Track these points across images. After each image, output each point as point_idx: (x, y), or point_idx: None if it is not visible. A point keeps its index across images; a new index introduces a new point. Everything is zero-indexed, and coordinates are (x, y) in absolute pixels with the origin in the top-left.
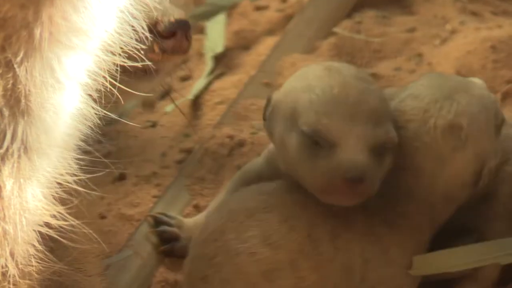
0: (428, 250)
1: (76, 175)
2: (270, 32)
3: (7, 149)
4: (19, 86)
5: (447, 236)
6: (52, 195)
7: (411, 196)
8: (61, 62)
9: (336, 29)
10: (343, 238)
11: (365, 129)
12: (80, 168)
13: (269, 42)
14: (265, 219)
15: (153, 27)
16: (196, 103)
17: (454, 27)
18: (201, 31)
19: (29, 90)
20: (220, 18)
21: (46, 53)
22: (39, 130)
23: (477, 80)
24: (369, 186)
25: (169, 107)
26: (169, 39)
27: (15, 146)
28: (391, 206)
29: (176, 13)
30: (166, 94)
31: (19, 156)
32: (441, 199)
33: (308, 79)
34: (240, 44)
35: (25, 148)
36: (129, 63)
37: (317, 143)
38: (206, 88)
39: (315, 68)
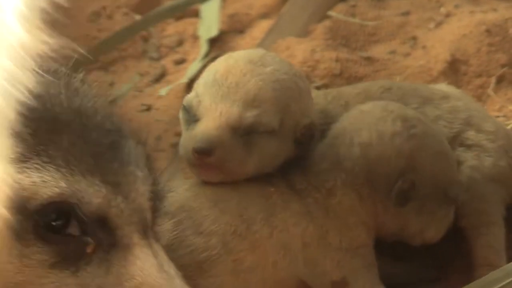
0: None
1: None
2: (264, 15)
3: None
4: None
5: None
6: None
7: (334, 171)
8: None
9: (330, 13)
10: (279, 217)
11: (231, 109)
12: None
13: (263, 26)
14: (194, 208)
15: None
16: (191, 86)
17: (449, 10)
18: (196, 14)
19: None
20: (215, 2)
21: None
22: None
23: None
24: (221, 162)
25: (163, 91)
26: None
27: None
28: (320, 184)
29: None
30: (160, 77)
31: None
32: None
33: (210, 65)
34: (235, 27)
35: None
36: None
37: (189, 118)
38: (200, 71)
39: (223, 56)
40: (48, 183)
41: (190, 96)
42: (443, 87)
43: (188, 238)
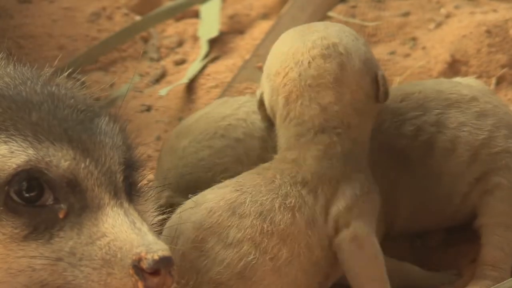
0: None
1: None
2: (264, 16)
3: None
4: None
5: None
6: None
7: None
8: None
9: (330, 13)
10: (292, 195)
11: None
12: None
13: (263, 26)
14: (214, 223)
15: (137, 264)
16: (191, 87)
17: (449, 11)
18: (196, 15)
19: None
20: (215, 2)
21: None
22: None
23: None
24: None
25: (163, 91)
26: (153, 276)
27: None
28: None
29: (160, 250)
30: (160, 77)
31: None
32: (352, 112)
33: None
34: (235, 28)
35: None
36: None
37: None
38: (200, 72)
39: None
40: (15, 153)
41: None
42: (471, 81)
43: (219, 253)
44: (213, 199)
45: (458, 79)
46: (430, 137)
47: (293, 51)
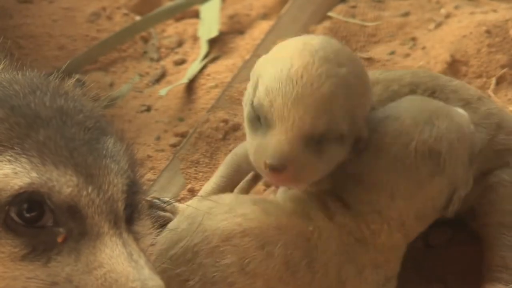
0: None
1: None
2: (264, 16)
3: None
4: None
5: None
6: None
7: (383, 215)
8: None
9: (330, 13)
10: (319, 261)
11: (304, 117)
12: None
13: (263, 26)
14: (241, 245)
15: None
16: (191, 87)
17: (449, 11)
18: (196, 15)
19: None
20: (215, 2)
21: None
22: None
23: (460, 110)
24: (293, 174)
25: (163, 91)
26: None
27: None
28: (364, 224)
29: (155, 286)
30: (160, 77)
31: None
32: (413, 219)
33: (281, 51)
34: (235, 28)
35: None
36: None
37: (259, 118)
38: (200, 72)
39: (297, 41)
40: (19, 174)
41: (261, 92)
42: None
43: (232, 275)
44: (250, 219)
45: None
46: None
47: None
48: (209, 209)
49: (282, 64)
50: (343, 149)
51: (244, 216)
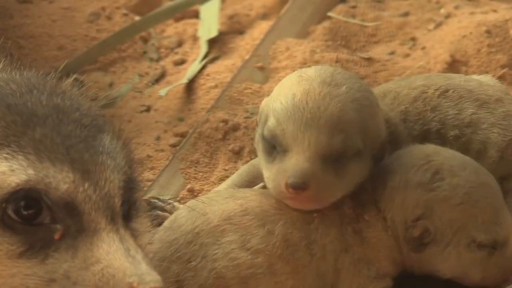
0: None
1: None
2: (264, 16)
3: None
4: None
5: None
6: None
7: (379, 208)
8: None
9: (330, 14)
10: (319, 244)
11: (319, 136)
12: None
13: (263, 26)
14: (242, 223)
15: None
16: (191, 87)
17: (449, 11)
18: (196, 15)
19: None
20: (214, 2)
21: None
22: None
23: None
24: (315, 193)
25: (163, 91)
26: None
27: None
28: (362, 215)
29: (152, 281)
30: (160, 78)
31: None
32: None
33: (281, 87)
34: (234, 28)
35: None
36: None
37: (274, 147)
38: (200, 72)
39: (291, 76)
40: (16, 171)
41: (271, 124)
42: (488, 79)
43: (234, 251)
44: (251, 200)
45: (474, 76)
46: (467, 139)
47: None
48: (209, 200)
49: (285, 98)
50: (363, 166)
51: (244, 198)
